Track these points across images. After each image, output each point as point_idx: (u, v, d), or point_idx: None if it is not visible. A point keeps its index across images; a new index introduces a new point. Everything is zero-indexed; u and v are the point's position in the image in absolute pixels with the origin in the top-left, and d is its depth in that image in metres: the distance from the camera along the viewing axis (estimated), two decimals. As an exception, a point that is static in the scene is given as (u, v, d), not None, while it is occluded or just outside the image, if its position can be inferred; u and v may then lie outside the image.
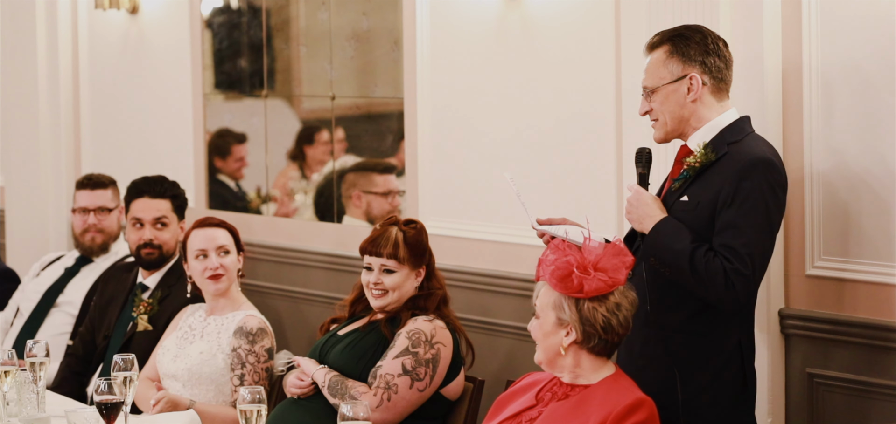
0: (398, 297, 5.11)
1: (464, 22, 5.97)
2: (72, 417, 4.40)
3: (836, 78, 4.69)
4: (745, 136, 4.44)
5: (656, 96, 4.46)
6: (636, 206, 4.45)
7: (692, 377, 4.43)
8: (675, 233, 4.35)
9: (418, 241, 5.13)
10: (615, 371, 4.29)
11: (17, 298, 7.01)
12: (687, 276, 4.32)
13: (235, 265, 5.65)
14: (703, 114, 4.44)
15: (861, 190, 4.64)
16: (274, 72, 7.06)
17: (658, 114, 4.47)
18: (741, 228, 4.29)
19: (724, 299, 4.30)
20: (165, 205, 6.27)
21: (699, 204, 4.38)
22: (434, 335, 4.98)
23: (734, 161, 4.36)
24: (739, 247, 4.28)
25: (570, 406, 4.24)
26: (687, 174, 4.44)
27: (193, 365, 5.44)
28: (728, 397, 4.46)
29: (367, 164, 6.58)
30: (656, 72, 4.46)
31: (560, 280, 4.21)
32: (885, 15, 4.54)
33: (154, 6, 7.64)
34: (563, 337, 4.24)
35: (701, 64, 4.43)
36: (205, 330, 5.56)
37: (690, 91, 4.43)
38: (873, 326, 4.64)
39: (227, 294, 5.62)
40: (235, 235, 5.72)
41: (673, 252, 4.33)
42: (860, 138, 4.63)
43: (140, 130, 7.83)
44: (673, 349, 4.44)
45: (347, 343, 5.09)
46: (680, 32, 4.47)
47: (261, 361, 5.42)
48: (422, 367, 4.94)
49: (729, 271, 4.27)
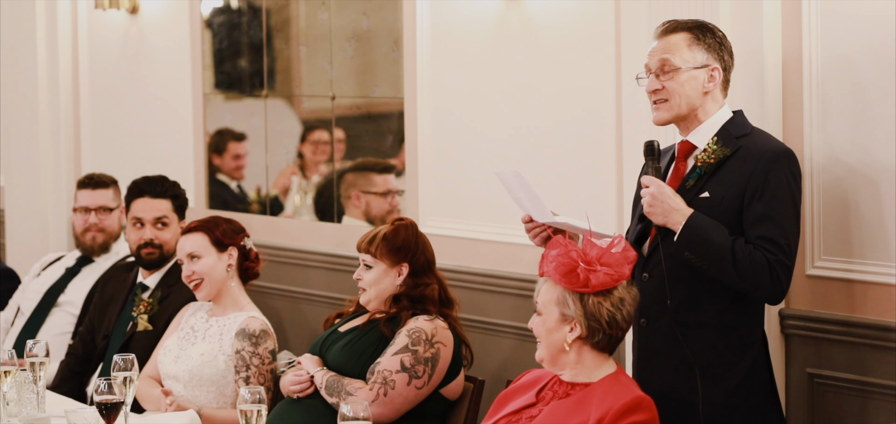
0: (377, 294, 5.08)
1: (464, 22, 5.97)
2: (72, 417, 4.40)
3: (836, 75, 4.68)
4: (752, 130, 4.45)
5: (677, 76, 4.41)
6: (660, 201, 4.37)
7: (727, 372, 4.40)
8: (712, 227, 4.32)
9: (395, 236, 5.09)
10: (616, 370, 4.29)
11: (17, 298, 7.00)
12: (729, 270, 4.29)
13: (216, 266, 5.55)
14: (708, 108, 4.45)
15: (862, 189, 4.64)
16: (274, 72, 7.06)
17: (671, 94, 4.43)
18: (776, 220, 4.30)
19: (771, 291, 4.31)
20: (166, 204, 6.26)
21: (724, 198, 4.36)
22: (435, 334, 4.97)
23: (755, 154, 4.36)
24: (778, 238, 4.29)
25: (571, 404, 4.24)
26: (701, 171, 4.42)
27: (194, 367, 5.44)
28: (759, 395, 4.46)
29: (366, 164, 6.58)
30: (679, 53, 4.41)
31: (564, 274, 4.21)
32: (886, 13, 4.54)
33: (154, 6, 7.65)
34: (567, 332, 4.24)
35: (721, 59, 4.45)
36: (207, 331, 5.54)
37: (711, 81, 4.43)
38: (874, 326, 4.64)
39: (220, 297, 5.57)
40: (215, 233, 5.57)
41: (713, 245, 4.29)
42: (861, 138, 4.63)
43: (140, 130, 7.83)
44: (699, 347, 4.40)
45: (347, 341, 5.08)
46: (701, 24, 4.46)
47: (265, 363, 5.41)
48: (420, 365, 4.93)
49: (773, 263, 4.28)
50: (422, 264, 5.10)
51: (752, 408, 4.44)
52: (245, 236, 5.67)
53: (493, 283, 5.88)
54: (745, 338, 4.43)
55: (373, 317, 5.14)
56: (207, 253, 5.57)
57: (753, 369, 4.45)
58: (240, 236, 5.64)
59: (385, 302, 5.10)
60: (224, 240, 5.59)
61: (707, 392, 4.39)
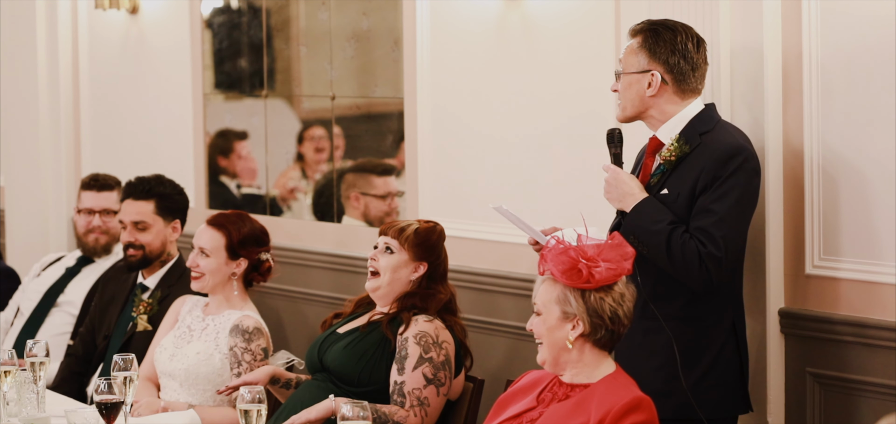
0: (390, 282, 5.07)
1: (464, 22, 5.97)
2: (72, 417, 4.40)
3: (836, 74, 4.68)
4: (715, 125, 4.55)
5: (622, 80, 4.60)
6: (615, 185, 4.55)
7: (695, 362, 4.52)
8: (656, 213, 4.46)
9: (428, 237, 5.11)
10: (615, 370, 4.29)
11: (17, 298, 7.00)
12: (663, 256, 4.43)
13: (221, 270, 5.56)
14: (665, 109, 4.57)
15: (862, 189, 4.64)
16: (274, 72, 7.06)
17: (621, 97, 4.62)
18: (715, 212, 4.42)
19: (698, 280, 4.43)
20: (147, 206, 6.20)
21: (679, 195, 4.49)
22: (438, 335, 4.98)
23: (709, 150, 4.47)
24: (713, 230, 4.41)
25: (570, 406, 4.24)
26: (664, 168, 4.54)
27: (191, 365, 5.45)
28: (729, 378, 4.59)
29: (367, 166, 6.58)
30: (626, 59, 4.60)
31: (566, 272, 4.21)
32: (886, 11, 4.54)
33: (154, 6, 7.65)
34: (570, 330, 4.24)
35: (665, 62, 4.55)
36: (203, 330, 5.55)
37: (650, 86, 4.55)
38: (874, 326, 4.64)
39: (217, 294, 5.58)
40: (233, 239, 5.58)
41: (652, 232, 4.44)
42: (861, 136, 4.63)
43: (140, 130, 7.83)
44: (672, 337, 4.50)
45: (348, 342, 5.07)
46: (656, 27, 4.58)
47: (257, 359, 5.41)
48: (441, 371, 4.94)
49: (703, 254, 4.40)
50: (440, 271, 5.13)
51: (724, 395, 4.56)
52: (263, 251, 5.66)
53: (493, 283, 5.88)
54: (711, 327, 4.54)
55: (374, 318, 5.12)
56: (217, 254, 5.58)
57: (720, 356, 4.55)
58: (257, 250, 5.64)
59: (392, 297, 5.09)
60: (239, 250, 5.60)
61: (690, 380, 4.49)
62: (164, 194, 6.23)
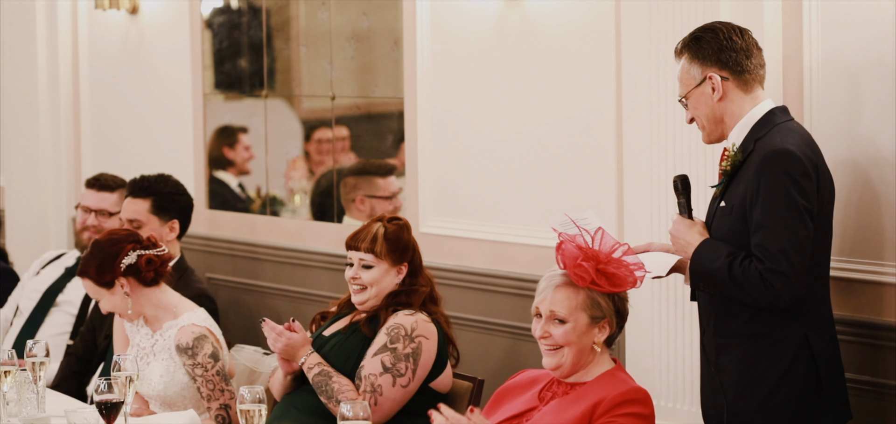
0: (377, 293, 5.06)
1: (464, 22, 5.97)
2: (72, 417, 4.39)
3: (835, 75, 4.68)
4: (772, 128, 4.38)
5: (690, 102, 4.46)
6: (677, 237, 4.45)
7: (761, 378, 4.38)
8: (711, 254, 4.34)
9: (398, 237, 5.07)
10: (614, 366, 4.32)
11: (16, 296, 7.00)
12: (733, 290, 4.30)
13: (116, 304, 5.23)
14: (734, 111, 4.42)
15: (861, 189, 4.64)
16: (274, 72, 7.06)
17: (697, 118, 4.48)
18: (765, 225, 4.26)
19: (768, 300, 4.26)
20: (143, 205, 6.20)
21: (733, 207, 4.37)
22: (415, 329, 4.94)
23: (756, 157, 4.34)
24: (767, 244, 4.25)
25: (570, 400, 4.27)
26: (725, 179, 4.43)
27: (159, 390, 5.24)
28: (802, 394, 4.38)
29: (369, 167, 6.57)
30: (683, 79, 4.47)
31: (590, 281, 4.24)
32: (886, 13, 4.54)
33: (154, 6, 7.65)
34: (597, 333, 4.26)
35: (717, 61, 4.41)
36: (154, 348, 5.29)
37: (714, 90, 4.41)
38: (875, 326, 4.64)
39: (144, 313, 5.30)
40: (93, 276, 5.19)
41: (712, 273, 4.33)
42: (860, 138, 4.63)
43: (140, 130, 7.83)
44: (740, 353, 4.40)
45: (332, 345, 5.06)
46: (694, 35, 4.46)
47: (209, 370, 5.19)
48: (401, 362, 4.90)
49: (763, 272, 4.24)
50: (417, 264, 5.10)
51: (796, 412, 4.39)
52: (124, 255, 5.23)
53: (493, 283, 5.88)
54: (778, 341, 4.37)
55: (355, 318, 5.11)
56: (100, 295, 5.29)
57: (790, 371, 4.37)
58: (117, 262, 5.21)
59: (382, 301, 5.08)
60: (105, 279, 5.23)
61: (760, 395, 4.37)
62: (162, 193, 6.22)
